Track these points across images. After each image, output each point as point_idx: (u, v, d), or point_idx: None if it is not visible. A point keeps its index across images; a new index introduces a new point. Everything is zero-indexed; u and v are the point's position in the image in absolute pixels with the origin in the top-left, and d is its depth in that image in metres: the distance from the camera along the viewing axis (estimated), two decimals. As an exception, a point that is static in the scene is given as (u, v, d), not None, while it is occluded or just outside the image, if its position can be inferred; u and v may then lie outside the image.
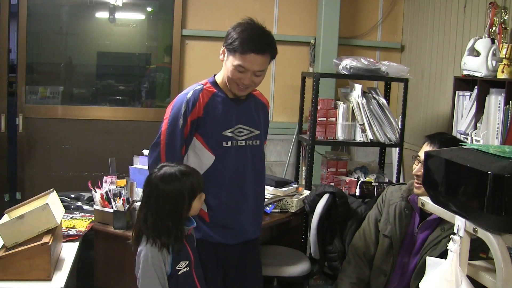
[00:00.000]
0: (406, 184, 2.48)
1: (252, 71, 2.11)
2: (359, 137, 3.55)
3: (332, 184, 3.48)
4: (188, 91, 2.18)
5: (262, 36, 2.12)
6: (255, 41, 2.08)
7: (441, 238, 2.20)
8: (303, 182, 3.74)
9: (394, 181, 3.72)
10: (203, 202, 2.08)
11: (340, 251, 2.82)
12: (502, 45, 2.94)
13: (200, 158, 2.17)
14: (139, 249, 1.96)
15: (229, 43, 2.10)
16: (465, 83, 3.29)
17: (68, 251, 2.40)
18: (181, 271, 1.98)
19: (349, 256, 2.54)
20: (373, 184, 3.54)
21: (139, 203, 2.69)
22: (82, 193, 3.22)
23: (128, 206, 2.63)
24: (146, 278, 1.91)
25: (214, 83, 2.22)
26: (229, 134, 2.18)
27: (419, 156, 2.28)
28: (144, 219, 1.96)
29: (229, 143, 2.18)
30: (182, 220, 1.97)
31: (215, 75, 2.26)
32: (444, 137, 2.28)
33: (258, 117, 2.30)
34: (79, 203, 3.08)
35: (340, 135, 3.55)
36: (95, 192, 2.72)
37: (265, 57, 2.12)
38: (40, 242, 2.08)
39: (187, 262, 2.01)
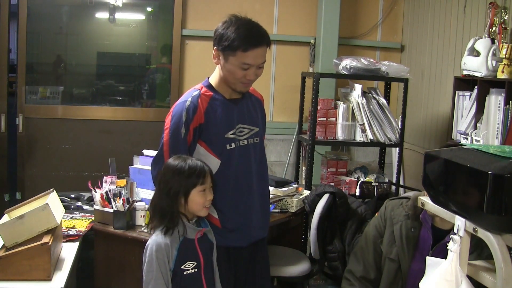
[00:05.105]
0: (406, 198, 2.32)
1: (256, 65, 2.11)
2: (359, 137, 3.55)
3: (332, 184, 3.48)
4: (186, 99, 2.14)
5: (255, 28, 2.12)
6: (252, 35, 2.08)
7: None
8: (303, 182, 3.74)
9: (394, 181, 3.72)
10: (207, 200, 2.00)
11: (340, 251, 2.82)
12: (502, 45, 2.94)
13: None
14: (147, 244, 1.97)
15: (226, 45, 2.07)
16: (465, 83, 3.29)
17: (68, 251, 2.40)
18: (187, 272, 1.96)
19: (350, 280, 2.40)
20: (373, 184, 3.54)
21: (139, 203, 2.71)
22: (82, 193, 3.22)
23: (128, 206, 2.63)
24: (150, 272, 1.91)
25: (210, 86, 2.20)
26: (232, 136, 2.17)
27: None
28: (151, 203, 2.02)
29: (233, 145, 2.17)
30: (176, 202, 1.95)
31: (208, 78, 2.23)
32: None
33: (256, 113, 2.30)
34: (79, 203, 3.08)
35: (340, 135, 3.55)
36: (95, 192, 2.72)
37: (265, 48, 2.13)
38: (40, 242, 2.08)
39: (195, 263, 1.98)
